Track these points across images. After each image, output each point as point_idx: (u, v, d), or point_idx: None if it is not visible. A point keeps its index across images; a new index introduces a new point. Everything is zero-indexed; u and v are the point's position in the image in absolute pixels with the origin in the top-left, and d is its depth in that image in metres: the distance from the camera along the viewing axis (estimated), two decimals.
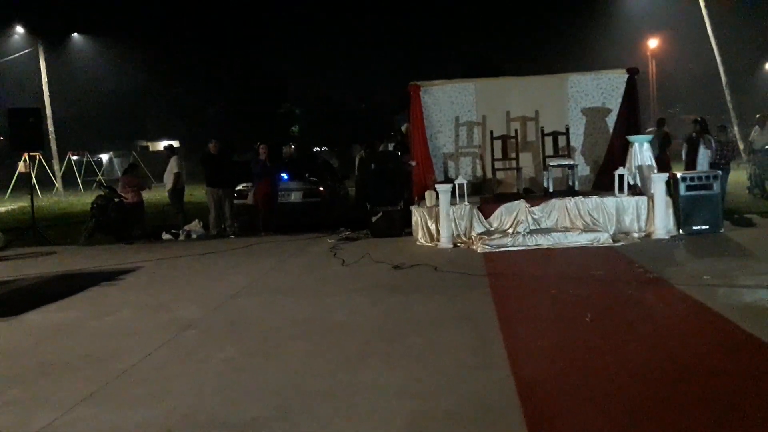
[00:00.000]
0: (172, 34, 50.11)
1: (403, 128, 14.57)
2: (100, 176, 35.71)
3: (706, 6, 23.22)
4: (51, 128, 32.86)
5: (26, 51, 34.62)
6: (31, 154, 20.14)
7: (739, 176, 16.79)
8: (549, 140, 11.93)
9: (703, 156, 12.49)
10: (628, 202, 10.65)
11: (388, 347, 5.51)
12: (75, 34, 38.52)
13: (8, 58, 34.91)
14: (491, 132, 12.06)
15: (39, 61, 33.70)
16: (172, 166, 14.04)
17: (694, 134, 12.93)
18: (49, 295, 8.15)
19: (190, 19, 51.59)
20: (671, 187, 10.69)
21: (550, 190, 11.52)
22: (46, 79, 33.55)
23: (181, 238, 13.08)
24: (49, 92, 33.58)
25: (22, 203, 23.46)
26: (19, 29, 34.82)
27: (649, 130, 14.20)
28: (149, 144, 60.94)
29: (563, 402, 4.24)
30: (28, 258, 11.52)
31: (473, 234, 10.66)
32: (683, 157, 13.16)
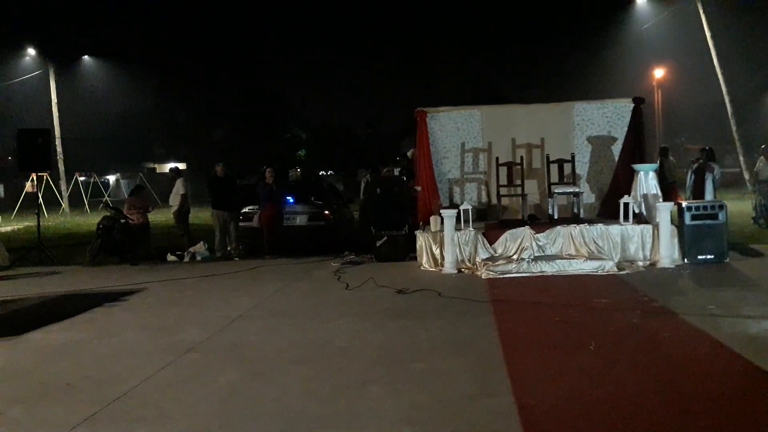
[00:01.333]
0: (180, 58, 50.52)
1: (408, 153, 14.62)
2: (106, 197, 35.86)
3: (712, 37, 23.34)
4: (59, 149, 33.12)
5: (37, 72, 34.99)
6: (38, 174, 20.26)
7: (744, 206, 16.79)
8: (554, 167, 11.96)
9: (710, 185, 12.51)
10: (633, 230, 10.64)
11: (391, 373, 5.48)
12: (85, 57, 38.92)
13: (19, 79, 35.26)
14: (497, 158, 12.09)
15: (49, 83, 34.05)
16: (179, 188, 14.10)
17: (700, 161, 12.95)
18: (53, 314, 8.15)
19: (198, 43, 52.05)
20: (676, 216, 10.69)
21: (555, 217, 11.51)
22: (56, 101, 33.85)
23: (186, 260, 13.10)
24: (58, 113, 33.87)
25: (28, 223, 23.56)
26: (31, 51, 35.21)
27: (659, 158, 14.17)
28: (156, 166, 61.26)
29: (566, 430, 4.20)
30: (33, 277, 11.54)
31: (477, 260, 10.64)
32: (689, 186, 13.15)
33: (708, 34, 23.47)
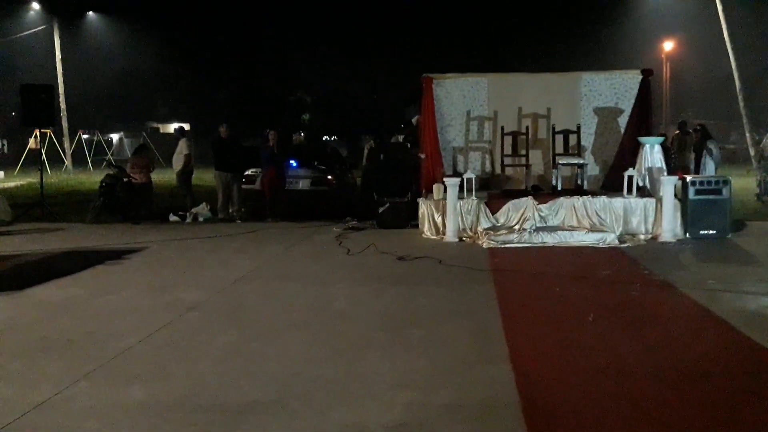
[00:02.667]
0: (185, 18, 50.07)
1: (413, 120, 14.54)
2: (109, 156, 35.79)
3: (723, 10, 23.03)
4: (63, 105, 32.98)
5: (41, 28, 34.68)
6: (42, 130, 20.20)
7: (748, 183, 16.74)
8: (560, 138, 11.89)
9: (709, 162, 12.46)
10: (636, 203, 10.61)
11: (389, 338, 5.51)
12: (90, 13, 38.52)
13: (22, 34, 34.98)
14: (502, 127, 12.03)
15: (53, 39, 33.78)
16: (182, 148, 14.06)
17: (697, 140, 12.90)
18: (54, 271, 8.19)
19: (204, 4, 51.54)
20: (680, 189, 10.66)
21: (559, 188, 11.47)
22: (60, 57, 33.60)
23: (188, 220, 13.13)
24: (63, 70, 33.65)
25: (31, 179, 23.57)
26: (35, 5, 34.84)
27: (676, 132, 14.01)
28: (160, 126, 61.04)
29: (562, 399, 4.23)
30: (35, 233, 11.58)
31: (479, 229, 10.64)
32: (692, 164, 13.05)
33: (720, 7, 23.14)
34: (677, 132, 13.93)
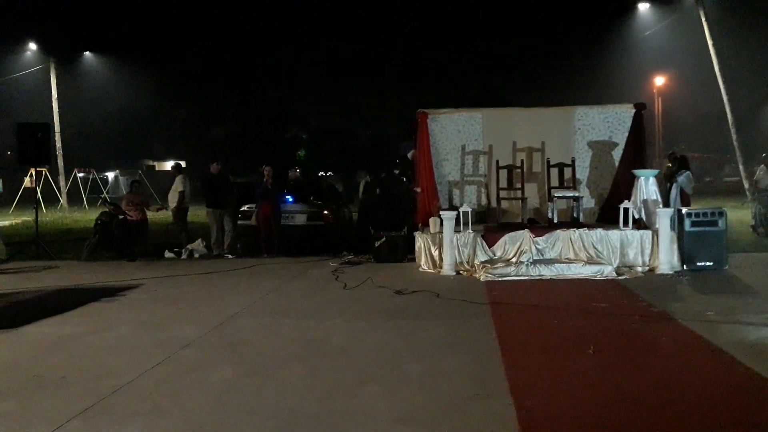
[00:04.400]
0: (180, 56, 50.67)
1: (409, 155, 14.59)
2: (105, 193, 35.79)
3: (714, 45, 23.31)
4: (59, 144, 33.06)
5: (38, 68, 34.94)
6: (37, 169, 20.21)
7: (743, 215, 16.79)
8: (555, 171, 11.92)
9: (674, 191, 12.40)
10: (633, 235, 10.61)
11: (387, 373, 5.45)
12: (86, 53, 38.85)
13: (19, 74, 35.23)
14: (497, 161, 12.07)
15: (50, 78, 34.02)
16: (177, 185, 14.04)
17: (672, 169, 12.87)
18: (49, 308, 8.12)
19: (199, 42, 52.14)
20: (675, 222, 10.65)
21: (555, 221, 11.47)
22: (56, 96, 33.80)
23: (184, 257, 13.08)
24: (59, 109, 33.82)
25: (26, 217, 23.52)
26: (32, 46, 35.15)
27: (668, 165, 14.02)
28: (155, 163, 61.26)
29: None
30: (30, 271, 11.52)
31: (476, 262, 10.61)
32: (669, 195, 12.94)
33: (710, 42, 23.41)
34: (669, 165, 13.97)
